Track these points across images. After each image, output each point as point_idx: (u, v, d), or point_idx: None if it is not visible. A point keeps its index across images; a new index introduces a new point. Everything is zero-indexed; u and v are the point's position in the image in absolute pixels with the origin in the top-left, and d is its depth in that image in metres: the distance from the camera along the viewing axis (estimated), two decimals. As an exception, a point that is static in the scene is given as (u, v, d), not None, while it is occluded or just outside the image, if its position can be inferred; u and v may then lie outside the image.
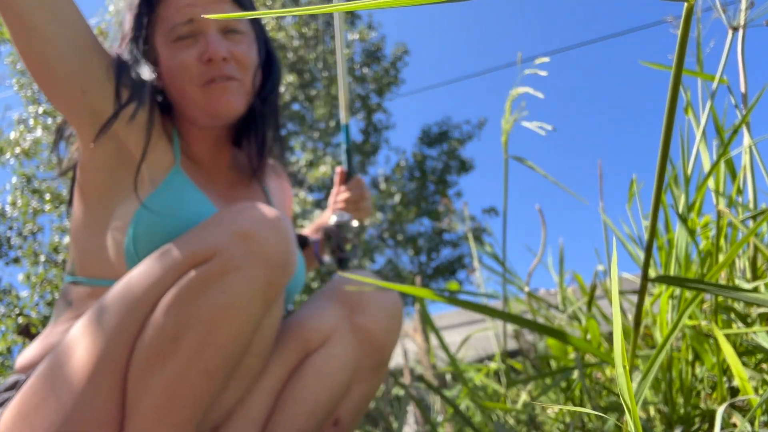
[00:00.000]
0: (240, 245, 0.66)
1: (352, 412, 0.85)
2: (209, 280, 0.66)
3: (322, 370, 0.80)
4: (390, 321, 0.85)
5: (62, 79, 0.75)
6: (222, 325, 0.66)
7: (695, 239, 0.79)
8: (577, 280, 1.15)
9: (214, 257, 0.66)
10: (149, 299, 0.67)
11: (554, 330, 0.59)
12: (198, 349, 0.65)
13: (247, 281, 0.66)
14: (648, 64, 0.76)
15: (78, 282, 0.82)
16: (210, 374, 0.66)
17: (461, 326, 2.81)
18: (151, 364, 0.65)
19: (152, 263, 0.70)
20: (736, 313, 0.80)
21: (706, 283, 0.57)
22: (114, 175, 0.81)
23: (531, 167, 0.75)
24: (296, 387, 0.80)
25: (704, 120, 0.83)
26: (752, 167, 0.83)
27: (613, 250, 0.34)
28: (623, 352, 0.32)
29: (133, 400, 0.66)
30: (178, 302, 0.66)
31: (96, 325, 0.67)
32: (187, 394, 0.66)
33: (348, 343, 0.82)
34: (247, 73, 0.88)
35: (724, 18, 0.80)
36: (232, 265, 0.66)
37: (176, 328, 0.65)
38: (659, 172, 0.41)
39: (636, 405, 0.33)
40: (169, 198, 0.81)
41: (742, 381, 0.65)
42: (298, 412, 0.78)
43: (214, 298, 0.65)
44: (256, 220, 0.68)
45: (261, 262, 0.67)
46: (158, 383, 0.65)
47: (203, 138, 0.91)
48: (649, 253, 0.50)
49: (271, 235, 0.68)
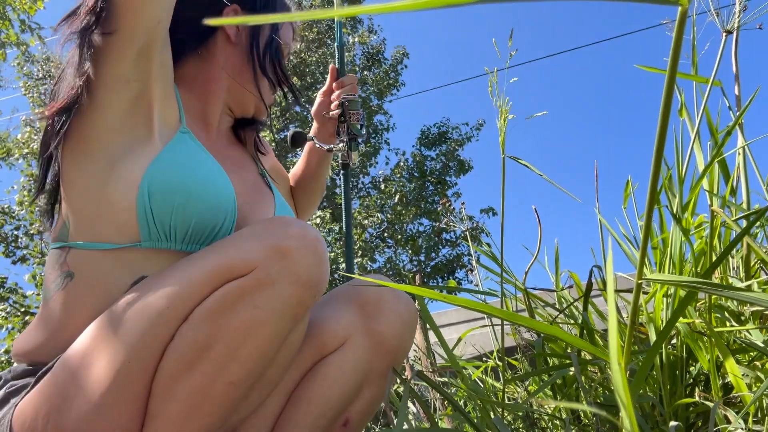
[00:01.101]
0: (277, 262, 0.67)
1: (362, 413, 0.86)
2: (244, 294, 0.66)
3: (336, 373, 0.81)
4: (404, 328, 0.86)
5: (154, 7, 0.75)
6: (251, 339, 0.66)
7: (689, 239, 0.80)
8: (573, 278, 1.16)
9: (251, 272, 0.67)
10: (182, 307, 0.67)
11: (550, 327, 0.60)
12: (225, 361, 0.66)
13: (280, 298, 0.67)
14: (643, 67, 0.77)
15: (74, 247, 0.77)
16: (234, 386, 0.67)
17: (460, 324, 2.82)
18: (179, 372, 0.66)
19: (187, 270, 0.69)
20: (730, 312, 0.81)
21: (700, 282, 0.58)
22: (124, 120, 0.78)
23: (527, 167, 0.76)
24: (309, 388, 0.80)
25: (698, 121, 0.84)
26: (746, 168, 0.84)
27: (609, 249, 0.35)
28: (618, 349, 0.33)
29: (157, 406, 0.66)
30: (213, 314, 0.66)
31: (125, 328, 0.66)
32: (211, 404, 0.67)
33: (362, 348, 0.83)
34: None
35: (718, 21, 0.81)
36: (267, 280, 0.66)
37: (207, 339, 0.66)
38: (654, 173, 0.42)
39: (631, 401, 0.33)
40: (181, 156, 0.80)
41: (736, 378, 0.66)
42: (310, 411, 0.79)
43: (247, 312, 0.66)
44: (294, 238, 0.69)
45: (295, 281, 0.67)
46: (183, 391, 0.65)
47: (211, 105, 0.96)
48: (644, 252, 0.51)
49: (308, 255, 0.69)
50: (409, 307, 0.87)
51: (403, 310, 0.86)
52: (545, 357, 1.02)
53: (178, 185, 0.77)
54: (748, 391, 0.68)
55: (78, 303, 0.75)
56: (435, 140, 11.24)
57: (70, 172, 0.79)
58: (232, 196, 0.83)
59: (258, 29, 0.98)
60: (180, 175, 0.78)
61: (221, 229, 0.82)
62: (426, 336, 2.75)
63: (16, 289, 6.82)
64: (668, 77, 0.39)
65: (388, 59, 11.27)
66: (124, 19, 0.74)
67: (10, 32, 5.58)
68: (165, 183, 0.76)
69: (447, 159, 10.96)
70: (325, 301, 0.89)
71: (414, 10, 0.22)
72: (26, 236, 7.25)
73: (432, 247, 10.26)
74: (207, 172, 0.81)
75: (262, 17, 0.21)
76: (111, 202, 0.76)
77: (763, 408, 0.69)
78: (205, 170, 0.81)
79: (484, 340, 2.11)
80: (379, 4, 0.21)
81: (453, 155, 10.99)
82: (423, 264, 10.35)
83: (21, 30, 5.63)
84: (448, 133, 11.26)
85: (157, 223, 0.76)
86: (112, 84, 0.77)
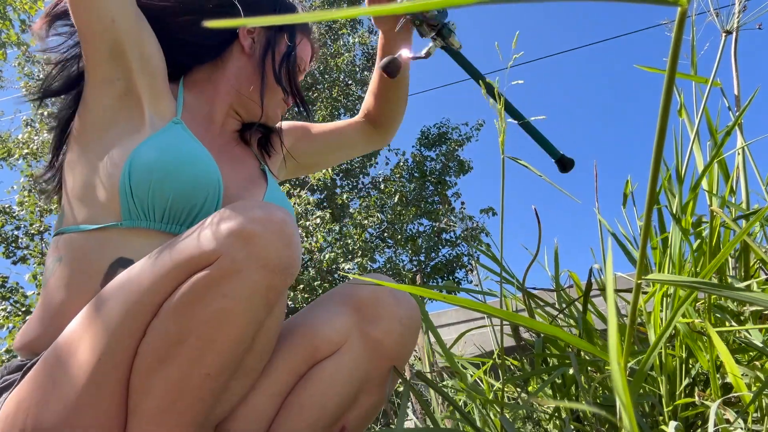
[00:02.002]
0: (241, 248, 0.65)
1: (359, 421, 0.83)
2: (211, 284, 0.65)
3: (331, 379, 0.79)
4: (404, 333, 0.81)
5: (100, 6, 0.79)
6: (223, 329, 0.66)
7: (689, 239, 0.80)
8: (572, 278, 1.16)
9: (216, 261, 0.66)
10: (151, 301, 0.67)
11: (550, 327, 0.60)
12: (200, 353, 0.65)
13: (248, 285, 0.65)
14: (642, 68, 0.77)
15: (65, 232, 0.81)
16: (211, 377, 0.67)
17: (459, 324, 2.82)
18: (154, 367, 0.65)
19: (155, 263, 0.69)
20: (729, 312, 0.81)
21: (699, 282, 0.58)
22: (115, 115, 0.83)
23: (526, 167, 0.76)
24: (303, 393, 0.79)
25: (698, 122, 0.84)
26: (745, 168, 0.84)
27: (609, 249, 0.35)
28: (618, 349, 0.33)
29: (135, 402, 0.66)
30: (181, 306, 0.66)
31: (98, 323, 0.67)
32: (189, 397, 0.66)
33: (358, 354, 0.80)
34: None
35: (718, 22, 0.81)
36: (233, 269, 0.65)
37: (179, 332, 0.65)
38: (653, 173, 0.42)
39: (631, 401, 0.33)
40: (166, 139, 0.82)
41: (735, 378, 0.66)
42: (303, 418, 0.78)
43: (216, 302, 0.65)
44: (259, 221, 0.67)
45: (263, 266, 0.65)
46: (160, 386, 0.65)
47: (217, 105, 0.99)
48: (643, 252, 0.51)
49: (274, 238, 0.67)
50: (410, 311, 0.83)
51: (403, 314, 0.82)
52: (545, 357, 1.02)
53: (156, 163, 0.78)
54: (747, 391, 0.68)
55: (63, 286, 0.77)
56: (435, 140, 11.24)
57: (72, 165, 0.84)
58: (215, 176, 0.83)
59: (274, 43, 1.01)
60: (161, 154, 0.79)
61: (202, 209, 0.82)
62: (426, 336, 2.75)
63: (17, 289, 6.82)
64: (667, 77, 0.39)
65: (388, 59, 11.26)
66: (77, 20, 0.80)
67: (11, 32, 5.58)
68: (145, 162, 0.78)
69: (447, 159, 10.96)
70: (320, 301, 0.86)
71: (413, 12, 0.22)
72: (26, 236, 7.25)
73: (432, 247, 10.26)
74: (188, 152, 0.82)
75: (263, 18, 0.21)
76: (96, 184, 0.80)
77: (762, 408, 0.69)
78: (187, 151, 0.82)
79: (485, 339, 2.11)
80: (379, 6, 0.21)
81: (453, 155, 11.00)
82: (423, 264, 10.35)
83: (22, 30, 5.63)
84: (447, 134, 11.27)
85: (136, 201, 0.77)
86: (99, 84, 0.82)
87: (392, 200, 10.24)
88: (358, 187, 11.10)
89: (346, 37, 11.19)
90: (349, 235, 8.73)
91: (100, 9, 0.79)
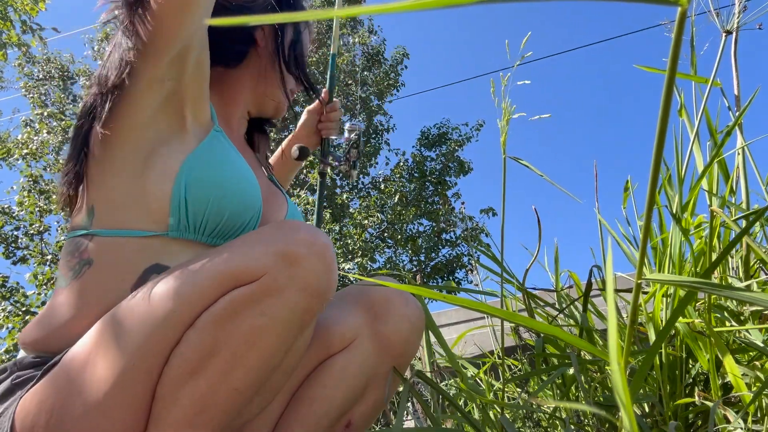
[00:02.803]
0: (285, 269, 0.66)
1: (365, 416, 0.86)
2: (252, 300, 0.66)
3: (340, 374, 0.81)
4: (411, 332, 0.85)
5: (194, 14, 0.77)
6: (257, 346, 0.66)
7: (689, 239, 0.80)
8: (572, 278, 1.16)
9: (259, 278, 0.66)
10: (189, 311, 0.66)
11: (550, 327, 0.60)
12: (230, 368, 0.66)
13: (287, 306, 0.66)
14: (642, 68, 0.77)
15: (98, 234, 0.78)
16: (238, 392, 0.67)
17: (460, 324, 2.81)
18: (184, 377, 0.65)
19: (197, 272, 0.68)
20: (729, 312, 0.81)
21: (699, 282, 0.58)
22: (155, 115, 0.80)
23: (527, 167, 0.76)
24: (313, 388, 0.80)
25: (698, 122, 0.84)
26: (745, 168, 0.84)
27: (608, 249, 0.35)
28: (618, 349, 0.33)
29: (160, 409, 0.66)
30: (220, 320, 0.66)
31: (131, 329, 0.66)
32: (214, 410, 0.66)
33: (367, 350, 0.83)
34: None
35: (718, 22, 0.81)
36: (275, 287, 0.66)
37: (213, 344, 0.65)
38: (653, 173, 0.42)
39: (630, 401, 0.34)
40: (217, 153, 0.82)
41: (735, 378, 0.66)
42: (313, 411, 0.79)
43: (254, 319, 0.66)
44: (303, 244, 0.68)
45: (303, 288, 0.67)
46: (187, 396, 0.65)
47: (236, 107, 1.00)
48: (643, 252, 0.51)
49: (316, 262, 0.68)
50: (417, 311, 0.87)
51: (411, 314, 0.86)
52: (545, 357, 1.02)
53: (215, 180, 0.79)
54: (747, 391, 0.68)
55: (93, 289, 0.75)
56: (435, 141, 11.24)
57: (101, 161, 0.80)
58: (259, 195, 0.85)
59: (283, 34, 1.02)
60: (217, 170, 0.80)
61: (247, 227, 0.83)
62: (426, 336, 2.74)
63: (17, 289, 6.82)
64: (668, 77, 0.39)
65: (388, 60, 11.29)
66: (166, 27, 0.76)
67: (12, 33, 5.59)
68: (203, 177, 0.78)
69: (447, 159, 10.97)
70: (333, 301, 0.88)
71: (414, 11, 0.22)
72: (26, 236, 7.26)
73: (432, 247, 10.26)
74: (240, 170, 0.83)
75: (264, 17, 0.21)
76: (144, 191, 0.77)
77: (762, 408, 0.69)
78: (239, 169, 0.83)
79: (485, 338, 2.11)
80: (379, 5, 0.22)
81: (453, 156, 11.00)
82: (423, 264, 10.35)
83: (22, 31, 5.64)
84: (448, 134, 11.28)
85: (190, 214, 0.77)
86: (148, 82, 0.79)
87: (392, 200, 10.24)
88: (358, 187, 11.11)
89: (346, 37, 11.19)
90: (349, 235, 8.73)
91: (192, 20, 0.77)
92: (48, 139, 4.59)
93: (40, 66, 10.05)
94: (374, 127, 11.09)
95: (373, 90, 11.03)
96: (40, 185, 6.15)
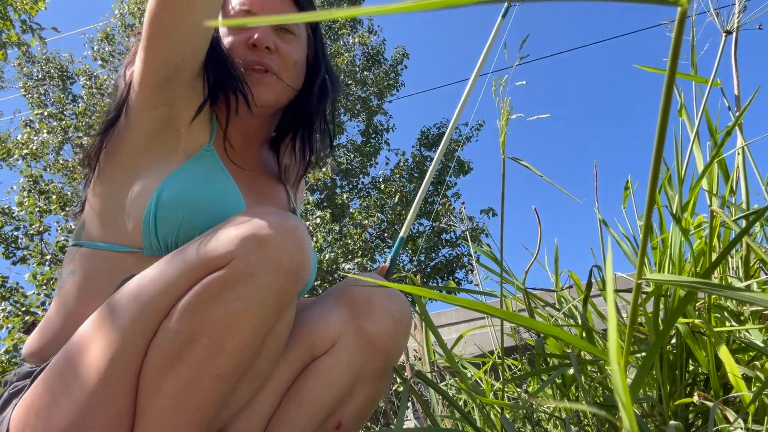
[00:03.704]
0: (256, 252, 0.66)
1: (355, 415, 0.85)
2: (224, 286, 0.66)
3: (327, 374, 0.80)
4: (396, 326, 0.84)
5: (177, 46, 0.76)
6: (235, 331, 0.66)
7: (689, 239, 0.80)
8: (573, 278, 1.16)
9: (229, 263, 0.66)
10: (164, 302, 0.67)
11: (550, 327, 0.60)
12: (210, 354, 0.66)
13: (261, 288, 0.66)
14: (642, 68, 0.77)
15: (83, 245, 0.81)
16: (221, 378, 0.67)
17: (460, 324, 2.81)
18: (164, 367, 0.66)
19: (168, 265, 0.69)
20: (729, 312, 0.81)
21: (699, 282, 0.58)
22: (152, 138, 0.82)
23: (527, 167, 0.77)
24: (300, 389, 0.80)
25: (698, 122, 0.84)
26: (745, 168, 0.84)
27: (609, 249, 0.35)
28: (618, 349, 0.33)
29: (145, 402, 0.66)
30: (194, 307, 0.66)
31: (110, 325, 0.67)
32: (199, 397, 0.67)
33: (353, 348, 0.82)
34: (288, 70, 0.92)
35: (718, 22, 0.81)
36: (247, 271, 0.66)
37: (190, 332, 0.66)
38: (653, 173, 0.42)
39: (630, 401, 0.34)
40: (196, 172, 0.81)
41: (735, 378, 0.66)
42: (301, 413, 0.79)
43: (229, 304, 0.66)
44: (273, 227, 0.68)
45: (276, 269, 0.67)
46: (170, 386, 0.65)
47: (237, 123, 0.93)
48: (643, 252, 0.51)
49: (287, 243, 0.68)
50: (401, 306, 0.86)
51: (395, 309, 0.85)
52: (545, 357, 1.02)
53: (185, 199, 0.78)
54: (747, 391, 0.68)
55: (74, 297, 0.78)
56: (435, 141, 11.25)
57: (101, 176, 0.84)
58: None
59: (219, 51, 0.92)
60: (190, 190, 0.79)
61: None
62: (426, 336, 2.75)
63: (17, 289, 6.82)
64: (667, 77, 0.39)
65: (387, 60, 11.29)
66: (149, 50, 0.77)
67: (11, 33, 5.59)
68: (174, 196, 0.78)
69: (447, 159, 10.97)
70: (316, 300, 0.88)
71: (414, 11, 0.22)
72: (26, 237, 7.25)
73: (432, 247, 10.27)
74: (218, 189, 0.82)
75: (265, 18, 0.21)
76: (122, 209, 0.79)
77: (762, 408, 0.69)
78: (216, 187, 0.82)
79: (485, 338, 2.11)
80: (379, 6, 0.22)
81: (453, 156, 11.00)
82: (423, 264, 10.36)
83: (22, 30, 5.63)
84: (448, 134, 11.26)
85: (159, 234, 0.77)
86: (142, 106, 0.81)
87: (392, 200, 10.25)
88: (358, 187, 11.11)
89: (346, 37, 11.19)
90: (349, 235, 8.73)
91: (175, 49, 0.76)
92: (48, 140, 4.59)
93: (40, 66, 10.06)
94: (374, 127, 11.10)
95: (373, 90, 11.03)
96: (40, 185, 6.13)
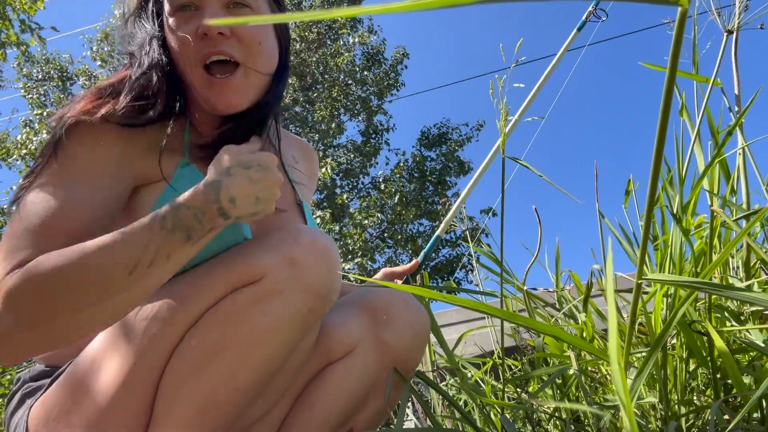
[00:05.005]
0: (286, 270, 0.67)
1: (367, 424, 0.84)
2: (253, 301, 0.66)
3: (341, 381, 0.80)
4: (414, 339, 0.83)
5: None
6: (260, 346, 0.66)
7: (689, 239, 0.80)
8: (573, 278, 1.16)
9: (260, 279, 0.67)
10: (192, 311, 0.67)
11: (550, 327, 0.60)
12: (233, 367, 0.66)
13: (289, 306, 0.67)
14: (646, 65, 0.77)
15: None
16: (241, 392, 0.67)
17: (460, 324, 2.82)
18: (186, 376, 0.66)
19: (199, 275, 0.69)
20: (730, 312, 0.81)
21: (699, 282, 0.58)
22: (134, 198, 0.78)
23: (527, 167, 0.76)
24: (314, 394, 0.80)
25: (699, 122, 0.84)
26: (746, 168, 0.84)
27: (609, 249, 0.35)
28: (618, 349, 0.33)
29: (162, 409, 0.66)
30: (221, 319, 0.66)
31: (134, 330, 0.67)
32: (216, 410, 0.66)
33: (369, 357, 0.81)
34: (255, 55, 0.78)
35: (719, 21, 0.81)
36: (276, 288, 0.66)
37: (216, 344, 0.66)
38: (654, 173, 0.42)
39: (631, 401, 0.33)
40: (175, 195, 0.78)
41: (736, 378, 0.66)
42: (313, 417, 0.78)
43: (256, 319, 0.66)
44: (305, 246, 0.69)
45: (305, 289, 0.67)
46: (190, 395, 0.65)
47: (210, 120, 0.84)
48: (644, 252, 0.51)
49: (318, 263, 0.68)
50: (420, 317, 0.85)
51: (414, 321, 0.84)
52: (545, 357, 1.02)
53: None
54: (748, 391, 0.68)
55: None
56: (435, 141, 11.25)
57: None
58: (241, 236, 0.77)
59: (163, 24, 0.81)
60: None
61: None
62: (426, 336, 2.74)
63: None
64: (668, 76, 0.39)
65: (388, 59, 11.30)
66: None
67: (10, 32, 5.58)
68: None
69: (447, 159, 10.98)
70: (336, 305, 0.87)
71: (414, 11, 0.22)
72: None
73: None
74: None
75: (264, 17, 0.21)
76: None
77: (763, 408, 0.69)
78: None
79: (486, 339, 2.11)
80: (379, 5, 0.21)
81: (453, 156, 11.01)
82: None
83: (21, 30, 5.63)
84: (448, 134, 11.29)
85: None
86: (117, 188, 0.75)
87: (392, 200, 10.25)
88: (358, 187, 11.11)
89: (346, 37, 11.19)
90: (349, 235, 8.73)
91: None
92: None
93: (39, 66, 10.06)
94: (374, 127, 11.10)
95: (373, 90, 11.03)
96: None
